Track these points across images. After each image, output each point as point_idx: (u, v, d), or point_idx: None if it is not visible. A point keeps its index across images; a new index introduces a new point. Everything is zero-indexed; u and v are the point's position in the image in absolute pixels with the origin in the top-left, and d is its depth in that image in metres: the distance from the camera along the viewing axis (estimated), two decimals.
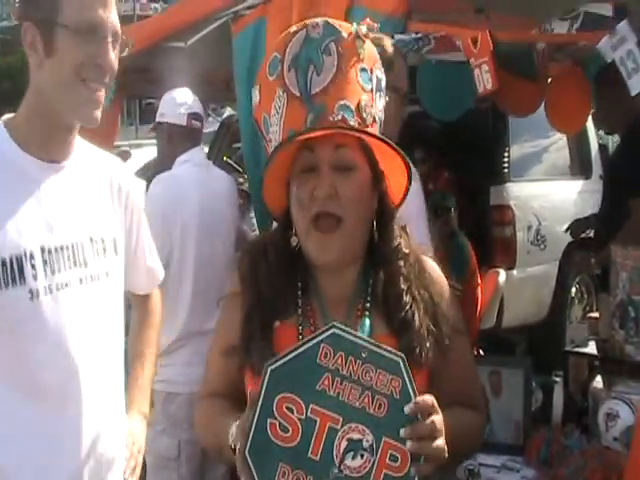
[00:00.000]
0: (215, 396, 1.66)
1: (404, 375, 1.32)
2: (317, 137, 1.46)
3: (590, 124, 5.68)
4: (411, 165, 1.54)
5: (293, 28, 1.51)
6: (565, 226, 4.95)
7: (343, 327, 1.34)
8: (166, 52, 4.16)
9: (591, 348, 3.21)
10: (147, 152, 8.74)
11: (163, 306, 3.27)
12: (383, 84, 1.55)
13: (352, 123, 1.45)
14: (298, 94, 1.46)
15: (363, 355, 1.32)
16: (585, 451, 2.63)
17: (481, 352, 3.89)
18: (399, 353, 1.33)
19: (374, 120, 1.51)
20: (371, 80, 1.50)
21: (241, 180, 5.32)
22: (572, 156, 6.11)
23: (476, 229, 5.01)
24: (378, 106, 1.52)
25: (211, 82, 4.92)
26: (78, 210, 1.70)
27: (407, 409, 1.31)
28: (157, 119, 3.55)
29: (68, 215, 1.68)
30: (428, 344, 1.50)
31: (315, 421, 1.31)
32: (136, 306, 2.01)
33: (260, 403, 1.32)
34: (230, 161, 7.22)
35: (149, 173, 4.57)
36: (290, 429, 1.31)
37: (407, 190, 1.58)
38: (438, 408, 1.34)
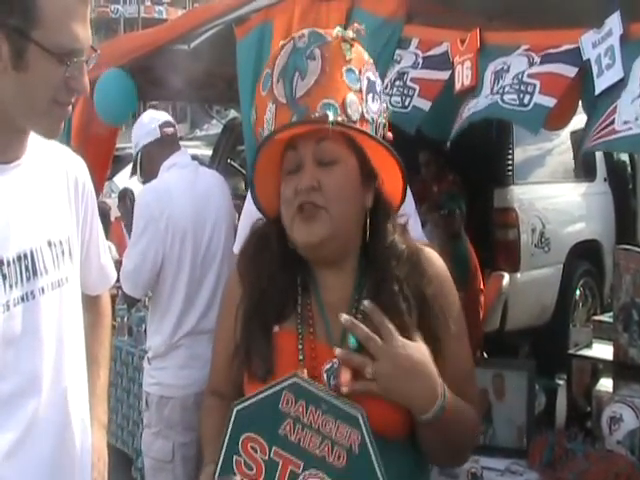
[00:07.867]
0: (217, 396, 1.66)
1: (362, 429, 1.33)
2: (300, 135, 1.45)
3: None
4: (402, 163, 1.50)
5: (281, 42, 1.51)
6: None
7: (305, 378, 1.37)
8: (169, 54, 4.18)
9: (595, 351, 3.21)
10: None
11: (157, 308, 3.30)
12: (378, 87, 1.51)
13: (335, 118, 1.42)
14: (284, 101, 1.46)
15: (323, 407, 1.34)
16: (589, 454, 2.62)
17: (485, 355, 3.88)
18: (358, 407, 1.34)
19: (363, 118, 1.47)
20: (360, 81, 1.47)
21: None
22: (576, 159, 6.10)
23: (480, 232, 5.00)
24: (371, 107, 1.48)
25: (214, 84, 4.93)
26: (34, 212, 1.56)
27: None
28: (134, 153, 3.47)
29: (24, 219, 1.53)
30: None
31: (277, 463, 1.34)
32: (87, 308, 1.84)
33: (227, 440, 1.37)
34: (234, 163, 7.24)
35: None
36: (254, 468, 1.35)
37: (404, 190, 1.55)
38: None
